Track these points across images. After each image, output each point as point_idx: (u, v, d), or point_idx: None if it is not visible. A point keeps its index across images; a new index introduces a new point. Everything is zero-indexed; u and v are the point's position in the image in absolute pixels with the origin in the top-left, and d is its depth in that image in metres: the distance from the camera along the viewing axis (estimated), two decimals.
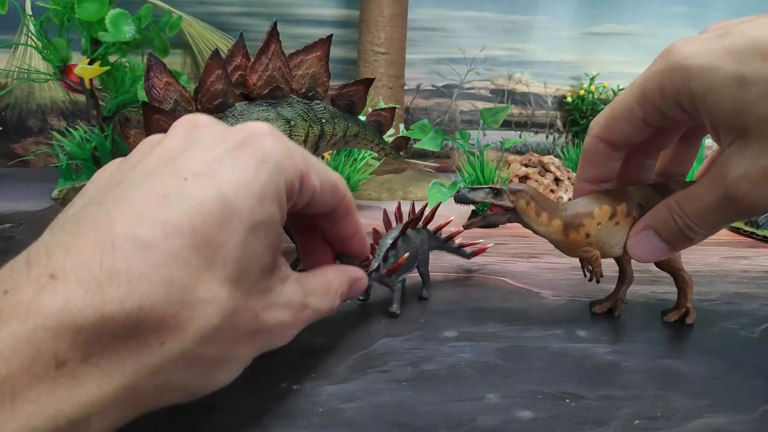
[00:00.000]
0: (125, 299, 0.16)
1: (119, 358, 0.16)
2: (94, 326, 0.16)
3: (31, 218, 0.56)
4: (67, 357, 0.15)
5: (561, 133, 1.05)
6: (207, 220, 0.18)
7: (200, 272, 0.18)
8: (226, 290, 0.19)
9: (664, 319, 0.35)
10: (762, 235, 0.57)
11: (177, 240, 0.18)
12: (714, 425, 0.24)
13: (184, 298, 0.17)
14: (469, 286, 0.41)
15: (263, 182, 0.20)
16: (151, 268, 0.17)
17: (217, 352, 0.19)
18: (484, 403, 0.25)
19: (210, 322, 0.18)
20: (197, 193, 0.19)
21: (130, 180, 0.20)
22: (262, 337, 0.22)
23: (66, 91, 0.90)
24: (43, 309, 0.15)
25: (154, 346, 0.17)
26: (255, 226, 0.20)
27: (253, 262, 0.20)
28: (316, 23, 0.93)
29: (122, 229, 0.17)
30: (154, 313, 0.17)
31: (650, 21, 1.00)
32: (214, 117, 0.38)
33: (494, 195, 0.32)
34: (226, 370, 0.20)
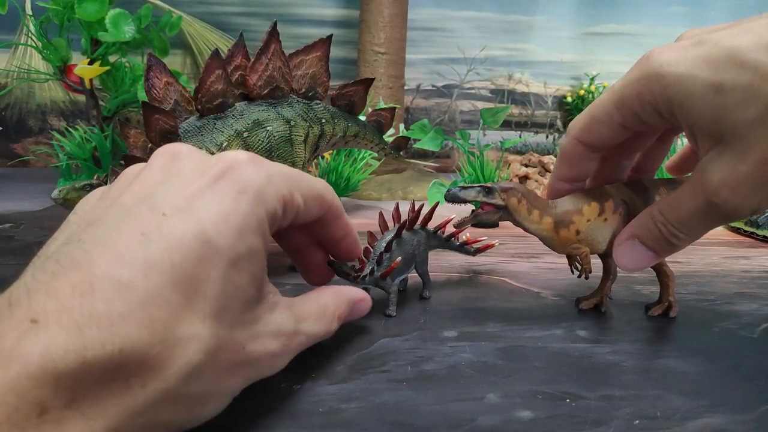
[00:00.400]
0: (106, 342, 0.16)
1: (101, 401, 0.16)
2: (76, 372, 0.16)
3: (31, 218, 0.56)
4: (50, 404, 0.15)
5: (561, 133, 1.05)
6: (186, 257, 0.18)
7: (181, 310, 0.18)
8: (207, 326, 0.19)
9: (648, 314, 0.36)
10: (762, 235, 0.57)
11: (156, 279, 0.17)
12: (714, 425, 0.24)
13: (165, 337, 0.17)
14: (469, 286, 0.41)
15: (243, 214, 0.20)
16: (131, 309, 0.17)
17: (201, 388, 0.19)
18: (484, 403, 0.25)
19: (192, 359, 0.18)
20: (176, 229, 0.19)
21: (109, 218, 0.20)
22: (249, 368, 0.21)
23: (66, 91, 0.90)
24: (24, 356, 0.15)
25: (135, 387, 0.17)
26: (236, 260, 0.20)
27: (236, 295, 0.20)
28: (316, 23, 0.93)
29: (101, 271, 0.17)
30: (135, 354, 0.17)
31: (650, 21, 1.00)
32: (216, 116, 0.38)
33: (485, 193, 0.33)
34: (212, 404, 0.20)
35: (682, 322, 0.35)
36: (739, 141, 0.23)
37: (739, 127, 0.23)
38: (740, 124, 0.23)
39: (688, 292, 0.40)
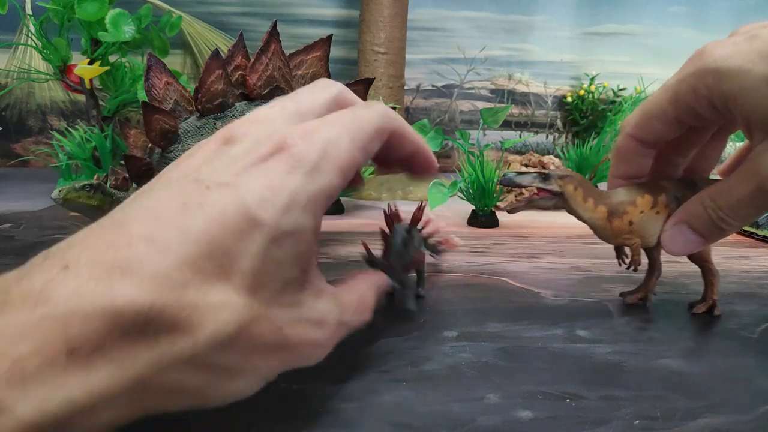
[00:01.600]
0: (136, 296, 0.16)
1: (129, 352, 0.16)
2: (104, 318, 0.16)
3: (31, 218, 0.56)
4: (77, 344, 0.15)
5: (561, 133, 1.05)
6: (226, 229, 0.18)
7: (214, 279, 0.18)
8: (242, 299, 0.18)
9: (692, 311, 0.36)
10: (762, 235, 0.57)
11: (192, 247, 0.17)
12: (714, 425, 0.24)
13: (196, 302, 0.17)
14: (469, 286, 0.41)
15: (291, 191, 0.19)
16: (164, 269, 0.17)
17: (231, 361, 0.19)
18: (484, 403, 0.25)
19: (223, 327, 0.18)
20: (218, 201, 0.18)
21: (154, 189, 0.20)
22: (287, 354, 0.21)
23: (66, 91, 0.90)
24: (52, 297, 0.15)
25: (164, 345, 0.17)
26: (279, 237, 0.19)
27: (276, 273, 0.19)
28: (316, 23, 0.93)
29: (138, 231, 0.17)
30: (165, 313, 0.17)
31: (650, 21, 1.00)
32: (216, 116, 0.38)
33: (542, 179, 0.33)
34: (242, 382, 0.20)
35: (682, 322, 0.35)
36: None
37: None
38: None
39: (688, 292, 0.40)
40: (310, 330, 0.21)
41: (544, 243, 0.54)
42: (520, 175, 0.33)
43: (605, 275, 0.44)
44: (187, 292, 0.17)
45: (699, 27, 1.01)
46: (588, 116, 0.98)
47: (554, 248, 0.52)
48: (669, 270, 0.45)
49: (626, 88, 0.97)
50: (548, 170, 0.33)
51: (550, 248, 0.52)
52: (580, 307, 0.37)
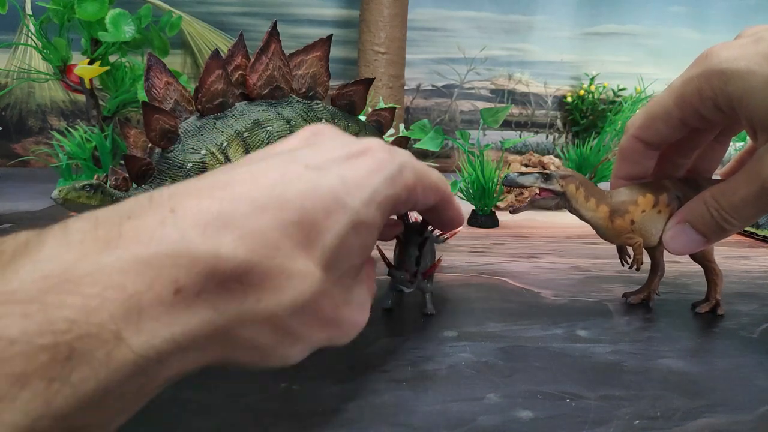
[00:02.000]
0: (237, 248, 0.17)
1: (223, 300, 0.17)
2: (208, 263, 0.17)
3: (31, 218, 0.56)
4: (183, 285, 0.16)
5: (561, 133, 1.05)
6: (317, 205, 0.20)
7: (301, 248, 0.19)
8: (319, 270, 0.20)
9: (696, 311, 0.36)
10: (762, 235, 0.57)
11: (287, 213, 0.19)
12: (714, 425, 0.24)
13: (285, 265, 0.19)
14: (469, 286, 0.41)
15: (374, 188, 0.21)
16: (262, 229, 0.18)
17: (298, 327, 0.20)
18: (484, 403, 0.25)
19: (302, 294, 0.19)
20: (312, 181, 0.20)
21: (254, 158, 0.22)
22: (334, 330, 0.22)
23: (66, 91, 0.90)
24: (163, 238, 0.16)
25: (251, 299, 0.18)
26: (358, 224, 0.21)
27: (347, 256, 0.21)
28: (316, 23, 0.93)
29: (242, 190, 0.19)
30: (258, 270, 0.18)
31: (650, 21, 1.00)
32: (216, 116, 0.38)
33: (544, 179, 0.33)
34: (297, 348, 0.21)
35: (682, 322, 0.35)
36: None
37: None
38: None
39: (689, 292, 0.40)
40: (355, 312, 0.23)
41: (544, 243, 0.54)
42: (522, 175, 0.33)
43: (605, 275, 0.44)
44: (278, 254, 0.18)
45: (699, 27, 1.01)
46: (588, 116, 0.98)
47: (554, 248, 0.52)
48: (669, 270, 0.45)
49: (626, 88, 0.97)
50: (550, 170, 0.33)
51: (550, 248, 0.52)
52: (580, 307, 0.37)
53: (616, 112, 0.90)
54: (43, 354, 0.13)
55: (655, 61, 1.01)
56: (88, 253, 0.15)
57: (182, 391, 0.25)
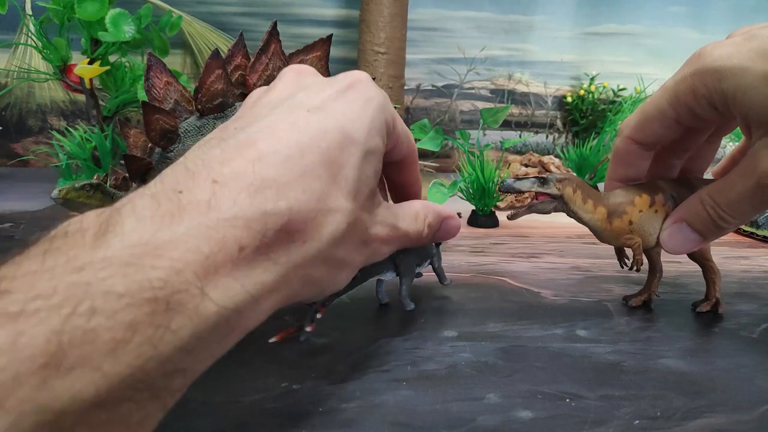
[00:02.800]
0: (278, 201, 0.19)
1: (279, 250, 0.20)
2: (259, 220, 0.19)
3: (31, 218, 0.56)
4: (245, 243, 0.18)
5: (561, 133, 1.05)
6: (331, 143, 0.22)
7: (330, 186, 0.21)
8: (349, 202, 0.22)
9: (696, 310, 0.36)
10: (762, 235, 0.57)
11: (310, 157, 0.21)
12: (714, 425, 0.24)
13: (320, 205, 0.21)
14: (469, 286, 0.41)
15: (371, 117, 0.24)
16: (294, 177, 0.20)
17: (342, 255, 0.23)
18: (484, 403, 0.25)
19: (339, 227, 0.21)
20: (320, 122, 0.22)
21: (260, 113, 0.23)
22: (369, 248, 0.25)
23: (66, 91, 0.90)
24: (218, 205, 0.18)
25: (298, 243, 0.20)
26: (367, 153, 0.23)
27: (366, 182, 0.23)
28: (316, 23, 0.93)
29: (265, 147, 0.20)
30: (300, 215, 0.20)
31: (650, 21, 1.00)
32: (216, 116, 0.38)
33: (541, 184, 0.33)
34: (345, 272, 0.24)
35: (682, 322, 0.35)
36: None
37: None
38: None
39: (689, 292, 0.40)
40: (380, 229, 0.26)
41: (544, 243, 0.54)
42: (518, 180, 0.33)
43: (605, 275, 0.44)
44: (313, 197, 0.20)
45: (699, 27, 1.01)
46: (588, 116, 0.98)
47: (554, 248, 0.52)
48: (668, 270, 0.45)
49: (626, 88, 0.97)
50: (546, 174, 0.33)
51: (550, 248, 0.52)
52: (580, 307, 0.37)
53: (616, 112, 0.90)
54: (146, 306, 0.15)
55: (655, 61, 1.01)
56: (162, 226, 0.17)
57: None
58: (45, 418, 0.13)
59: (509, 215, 0.35)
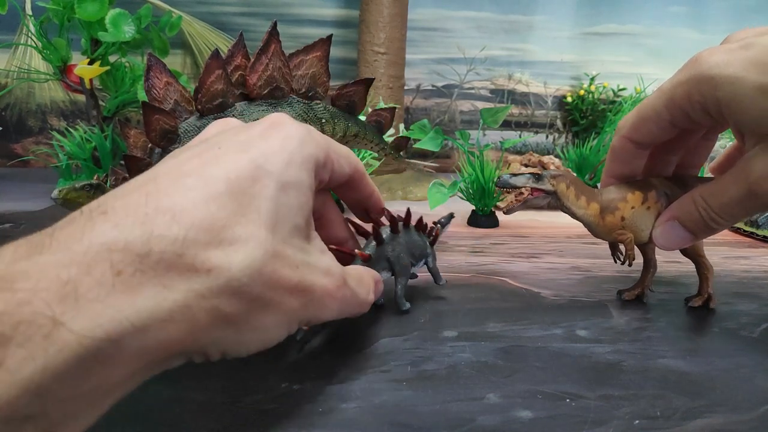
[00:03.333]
0: (171, 227, 0.18)
1: (172, 277, 0.18)
2: (144, 245, 0.17)
3: (31, 218, 0.56)
4: (122, 267, 0.17)
5: (561, 133, 1.05)
6: (241, 174, 0.21)
7: (238, 215, 0.20)
8: (263, 232, 0.20)
9: (688, 305, 0.37)
10: (762, 235, 0.57)
11: (216, 187, 0.20)
12: (714, 425, 0.24)
13: (225, 234, 0.19)
14: (469, 286, 0.41)
15: (290, 151, 0.23)
16: (194, 205, 0.19)
17: (262, 292, 0.20)
18: (484, 403, 0.25)
19: (252, 256, 0.19)
20: (231, 158, 0.21)
21: (175, 154, 0.23)
22: (306, 297, 0.22)
23: (66, 91, 0.90)
24: (95, 231, 0.17)
25: (202, 272, 0.18)
26: (285, 185, 0.22)
27: (287, 216, 0.22)
28: (316, 23, 0.93)
29: (166, 181, 0.19)
30: (199, 242, 0.18)
31: (650, 21, 1.00)
32: (216, 116, 0.38)
33: (535, 180, 0.34)
34: (273, 315, 0.21)
35: (682, 322, 0.35)
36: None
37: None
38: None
39: (688, 292, 0.40)
40: (320, 276, 0.23)
41: (544, 243, 0.54)
42: (514, 176, 0.34)
43: (605, 275, 0.44)
44: (216, 224, 0.19)
45: (699, 27, 1.01)
46: (588, 116, 0.98)
47: (554, 248, 0.52)
48: (669, 270, 0.45)
49: (626, 88, 0.97)
50: (541, 171, 0.34)
51: (550, 248, 0.52)
52: (579, 307, 0.37)
53: (616, 112, 0.90)
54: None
55: (655, 61, 1.01)
56: (21, 256, 0.16)
57: (182, 391, 0.25)
58: None
59: (505, 209, 0.36)
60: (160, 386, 0.25)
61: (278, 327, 0.21)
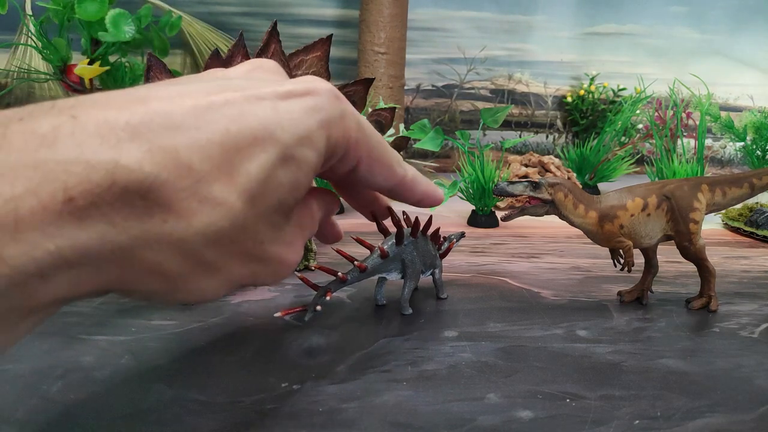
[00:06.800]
0: (142, 161, 0.16)
1: (123, 216, 0.16)
2: (106, 174, 0.15)
3: None
4: (75, 194, 0.15)
5: (561, 133, 1.05)
6: (243, 130, 0.18)
7: (220, 172, 0.17)
8: (240, 202, 0.18)
9: (688, 307, 0.36)
10: (762, 235, 0.57)
11: (206, 134, 0.17)
12: (714, 425, 0.24)
13: (198, 189, 0.17)
14: (469, 286, 0.41)
15: (307, 126, 0.20)
16: (174, 145, 0.16)
17: (213, 257, 0.18)
18: (484, 403, 0.25)
19: (216, 222, 0.18)
20: (243, 106, 0.18)
21: (183, 80, 0.20)
22: (258, 266, 0.21)
23: (66, 91, 0.90)
24: (56, 143, 0.15)
25: (157, 219, 0.16)
26: (287, 158, 0.19)
27: (275, 191, 0.19)
28: (316, 23, 0.93)
29: (157, 106, 0.17)
30: (165, 189, 0.16)
31: (650, 21, 1.00)
32: None
33: (533, 188, 0.34)
34: (214, 281, 0.19)
35: (682, 322, 0.35)
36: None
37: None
38: None
39: (689, 293, 0.40)
40: (282, 249, 0.21)
41: (544, 243, 0.54)
42: (511, 184, 0.34)
43: (605, 275, 0.44)
44: (191, 176, 0.17)
45: (699, 27, 1.01)
46: (588, 116, 0.98)
47: (554, 248, 0.52)
48: (669, 270, 0.45)
49: (626, 88, 0.97)
50: (539, 178, 0.34)
51: (550, 248, 0.52)
52: (580, 307, 0.37)
53: (616, 112, 0.90)
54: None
55: (655, 61, 1.01)
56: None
57: (182, 391, 0.25)
58: None
59: (503, 216, 0.36)
60: (160, 386, 0.25)
61: (217, 289, 0.20)
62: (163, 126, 0.16)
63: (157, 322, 0.32)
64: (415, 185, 0.26)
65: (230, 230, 0.18)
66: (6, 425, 0.22)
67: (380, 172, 0.24)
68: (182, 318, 0.32)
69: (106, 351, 0.29)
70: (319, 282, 0.32)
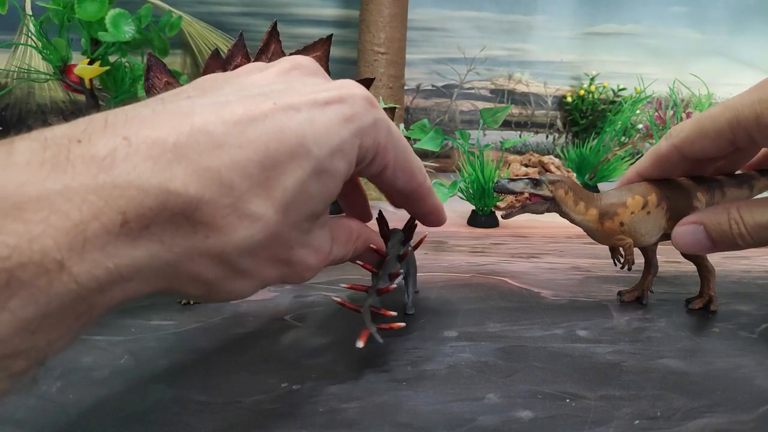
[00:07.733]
0: (188, 184, 0.17)
1: (171, 234, 0.17)
2: (158, 197, 0.16)
3: None
4: (131, 217, 0.16)
5: (561, 133, 1.05)
6: (281, 147, 0.19)
7: (259, 189, 0.19)
8: (276, 214, 0.20)
9: (689, 307, 0.36)
10: None
11: (248, 152, 0.18)
12: (714, 425, 0.24)
13: (237, 206, 0.18)
14: (469, 286, 0.41)
15: (341, 138, 0.21)
16: (217, 166, 0.18)
17: (248, 266, 0.20)
18: (484, 403, 0.25)
19: (253, 236, 0.19)
20: (281, 120, 0.20)
21: (223, 89, 0.21)
22: (287, 269, 0.22)
23: (66, 91, 0.90)
24: (113, 168, 0.16)
25: (200, 236, 0.18)
26: (320, 171, 0.21)
27: (307, 202, 0.21)
28: (316, 23, 0.93)
29: (200, 124, 0.18)
30: (209, 208, 0.18)
31: (650, 21, 1.00)
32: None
33: (534, 185, 0.34)
34: (248, 283, 0.21)
35: (682, 322, 0.35)
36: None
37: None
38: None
39: (688, 293, 0.40)
40: (310, 255, 0.23)
41: (544, 243, 0.54)
42: (512, 181, 0.34)
43: (605, 275, 0.44)
44: (231, 193, 0.18)
45: (699, 27, 1.01)
46: (588, 116, 0.98)
47: (554, 248, 0.52)
48: (669, 270, 0.45)
49: (626, 88, 0.97)
50: (539, 176, 0.34)
51: (550, 248, 0.52)
52: (580, 307, 0.37)
53: (616, 112, 0.90)
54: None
55: (655, 61, 1.01)
56: (34, 178, 0.15)
57: (182, 391, 0.25)
58: None
59: (503, 214, 0.36)
60: (160, 386, 0.25)
61: (249, 290, 0.22)
62: (207, 145, 0.18)
63: (157, 323, 0.32)
64: (430, 195, 0.28)
65: (265, 241, 0.20)
66: (5, 425, 0.22)
67: (402, 177, 0.26)
68: (182, 318, 0.32)
69: (105, 351, 0.29)
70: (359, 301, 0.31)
